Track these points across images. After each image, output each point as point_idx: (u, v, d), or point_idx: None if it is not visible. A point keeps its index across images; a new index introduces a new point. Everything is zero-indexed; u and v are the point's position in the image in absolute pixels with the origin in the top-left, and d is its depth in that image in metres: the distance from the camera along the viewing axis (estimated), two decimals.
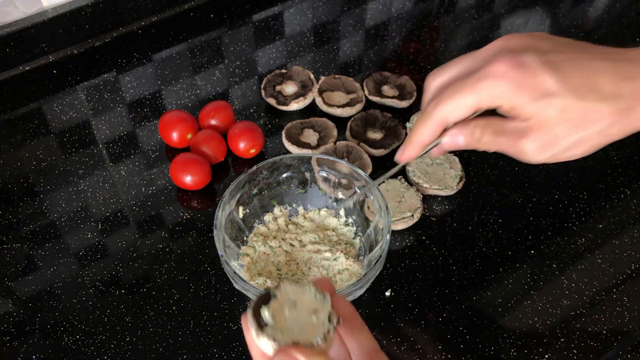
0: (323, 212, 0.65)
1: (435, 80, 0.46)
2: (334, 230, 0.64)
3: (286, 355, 0.35)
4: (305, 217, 0.65)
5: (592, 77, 0.42)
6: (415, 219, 0.66)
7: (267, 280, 0.58)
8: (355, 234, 0.63)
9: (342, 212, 0.64)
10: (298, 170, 0.63)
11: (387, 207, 0.57)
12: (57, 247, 0.65)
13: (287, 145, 0.72)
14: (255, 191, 0.63)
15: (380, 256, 0.55)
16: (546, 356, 0.57)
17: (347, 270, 0.60)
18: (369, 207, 0.62)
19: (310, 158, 0.63)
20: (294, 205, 0.66)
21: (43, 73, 0.82)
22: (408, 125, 0.74)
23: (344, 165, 0.61)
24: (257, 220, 0.64)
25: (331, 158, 0.62)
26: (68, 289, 0.61)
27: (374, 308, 0.60)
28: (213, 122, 0.72)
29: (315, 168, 0.63)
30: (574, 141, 0.42)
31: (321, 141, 0.72)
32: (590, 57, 0.43)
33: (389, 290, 0.62)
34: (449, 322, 0.59)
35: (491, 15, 0.92)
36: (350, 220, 0.64)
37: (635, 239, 0.66)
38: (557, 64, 0.41)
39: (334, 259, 0.61)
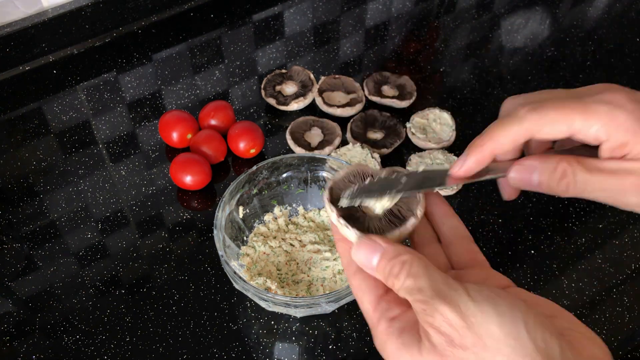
0: (323, 212, 0.65)
1: (517, 100, 0.38)
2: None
3: (366, 239, 0.35)
4: (305, 217, 0.65)
5: None
6: None
7: (267, 280, 0.58)
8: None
9: None
10: (298, 170, 0.63)
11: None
12: (57, 247, 0.65)
13: (288, 138, 0.72)
14: (255, 191, 0.63)
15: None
16: None
17: None
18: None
19: (310, 158, 0.62)
20: (294, 205, 0.65)
21: (43, 73, 0.82)
22: (408, 125, 0.74)
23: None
24: (257, 220, 0.64)
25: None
26: (68, 289, 0.61)
27: None
28: (213, 122, 0.72)
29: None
30: None
31: (322, 144, 0.72)
32: None
33: None
34: None
35: (491, 15, 0.92)
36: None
37: (635, 239, 0.66)
38: None
39: (334, 259, 0.61)
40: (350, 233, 0.37)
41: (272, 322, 0.59)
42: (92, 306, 0.60)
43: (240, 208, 0.62)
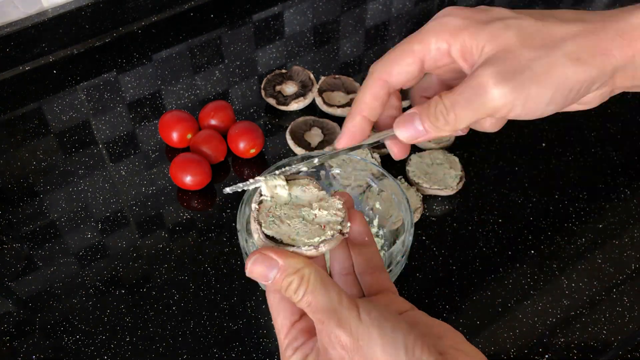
0: None
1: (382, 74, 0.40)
2: None
3: (260, 255, 0.35)
4: None
5: (550, 13, 0.37)
6: (415, 219, 0.66)
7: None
8: (382, 247, 0.63)
9: (375, 222, 0.63)
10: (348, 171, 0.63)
11: (412, 223, 0.56)
12: (57, 247, 0.65)
13: (288, 138, 0.72)
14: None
15: (389, 272, 0.55)
16: (546, 356, 0.57)
17: None
18: (367, 197, 0.62)
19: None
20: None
21: (43, 73, 0.82)
22: None
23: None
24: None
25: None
26: (68, 289, 0.61)
27: None
28: (213, 122, 0.72)
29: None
30: (543, 68, 0.34)
31: (322, 144, 0.72)
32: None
33: None
34: (449, 322, 0.59)
35: None
36: (381, 232, 0.63)
37: (635, 239, 0.66)
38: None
39: None
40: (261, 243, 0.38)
41: (272, 322, 0.59)
42: (92, 306, 0.60)
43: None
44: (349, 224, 0.39)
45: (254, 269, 0.35)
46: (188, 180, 0.67)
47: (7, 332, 0.58)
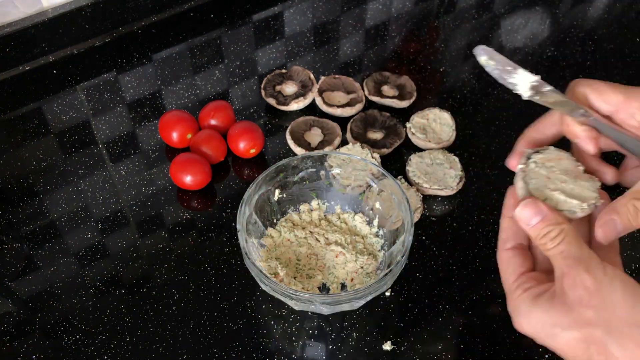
0: (358, 217, 0.65)
1: (590, 90, 0.47)
2: (363, 238, 0.64)
3: (533, 200, 0.42)
4: (339, 217, 0.65)
5: None
6: (415, 219, 0.66)
7: (279, 266, 0.58)
8: (382, 247, 0.63)
9: (375, 222, 0.64)
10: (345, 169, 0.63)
11: (412, 223, 0.57)
12: (57, 247, 0.65)
13: (288, 138, 0.72)
14: (296, 178, 0.63)
15: (390, 271, 0.55)
16: (546, 356, 0.57)
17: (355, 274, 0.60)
18: (368, 197, 0.62)
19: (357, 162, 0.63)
20: (332, 202, 0.65)
21: (43, 73, 0.82)
22: (408, 125, 0.74)
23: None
24: (293, 208, 0.65)
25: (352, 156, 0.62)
26: (68, 289, 0.61)
27: (374, 308, 0.60)
28: (213, 122, 0.72)
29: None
30: None
31: (322, 144, 0.72)
32: None
33: (389, 290, 0.62)
34: (449, 322, 0.59)
35: (491, 15, 0.92)
36: (381, 232, 0.64)
37: (635, 239, 0.66)
38: None
39: (355, 262, 0.61)
40: (521, 191, 0.44)
41: (272, 322, 0.59)
42: (92, 306, 0.60)
43: (277, 191, 0.62)
44: (601, 201, 0.44)
45: (523, 211, 0.42)
46: (188, 180, 0.67)
47: (7, 332, 0.58)
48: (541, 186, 0.44)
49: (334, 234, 0.63)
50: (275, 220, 0.64)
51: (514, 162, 0.48)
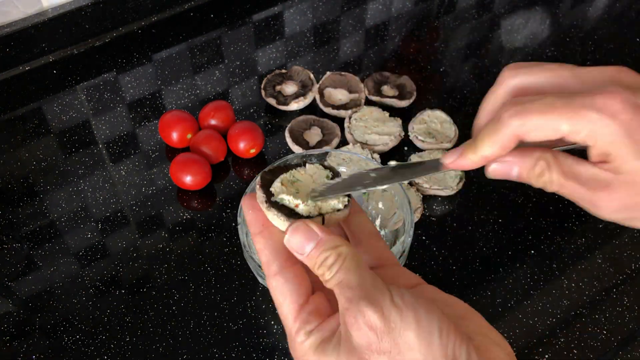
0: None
1: (515, 79, 0.37)
2: None
3: (303, 223, 0.35)
4: None
5: None
6: (415, 219, 0.66)
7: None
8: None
9: (377, 223, 0.64)
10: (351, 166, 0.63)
11: (412, 223, 0.56)
12: (57, 247, 0.65)
13: (287, 137, 0.72)
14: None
15: (404, 251, 0.55)
16: (546, 356, 0.57)
17: None
18: (369, 197, 0.62)
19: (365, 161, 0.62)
20: None
21: (43, 73, 0.82)
22: (411, 135, 0.73)
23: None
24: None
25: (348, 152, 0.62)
26: (68, 289, 0.61)
27: None
28: (213, 122, 0.72)
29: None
30: None
31: (321, 144, 0.72)
32: None
33: None
34: None
35: (491, 15, 0.92)
36: (382, 232, 0.63)
37: (635, 239, 0.66)
38: None
39: None
40: (281, 223, 0.36)
41: (272, 322, 0.59)
42: (92, 306, 0.60)
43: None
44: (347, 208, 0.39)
45: (293, 239, 0.35)
46: (188, 180, 0.67)
47: (7, 332, 0.58)
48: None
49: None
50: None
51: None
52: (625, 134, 0.33)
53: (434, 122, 0.74)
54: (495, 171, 0.37)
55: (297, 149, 0.71)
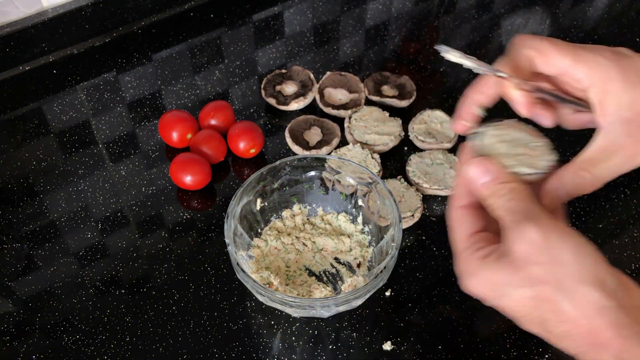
0: (341, 216, 0.65)
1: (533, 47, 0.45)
2: (349, 237, 0.64)
3: (481, 160, 0.41)
4: (323, 219, 0.65)
5: None
6: (415, 219, 0.66)
7: (272, 275, 0.58)
8: (370, 243, 0.63)
9: (359, 220, 0.64)
10: (322, 171, 0.63)
11: (400, 218, 0.57)
12: (57, 247, 0.65)
13: (287, 136, 0.72)
14: (276, 185, 0.63)
15: (385, 267, 0.55)
16: (546, 356, 0.57)
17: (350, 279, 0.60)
18: (369, 207, 0.62)
19: (334, 161, 0.63)
20: (313, 205, 0.66)
21: (43, 73, 0.82)
22: (412, 135, 0.73)
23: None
24: (275, 215, 0.64)
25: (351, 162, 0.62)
26: (68, 289, 0.61)
27: (374, 308, 0.60)
28: (213, 122, 0.72)
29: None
30: None
31: (321, 144, 0.72)
32: None
33: (389, 290, 0.62)
34: (449, 322, 0.59)
35: (491, 15, 0.92)
36: (366, 228, 0.64)
37: (635, 239, 0.66)
38: None
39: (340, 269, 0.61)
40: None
41: (272, 322, 0.59)
42: (92, 306, 0.60)
43: (259, 200, 0.62)
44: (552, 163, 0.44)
45: (472, 169, 0.41)
46: (188, 180, 0.67)
47: (7, 332, 0.58)
48: (496, 155, 0.43)
49: (320, 237, 0.63)
50: (259, 230, 0.63)
51: (459, 126, 0.48)
52: (619, 70, 0.43)
53: (434, 122, 0.74)
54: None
55: (297, 149, 0.71)
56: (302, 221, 0.64)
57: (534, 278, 0.37)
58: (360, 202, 0.63)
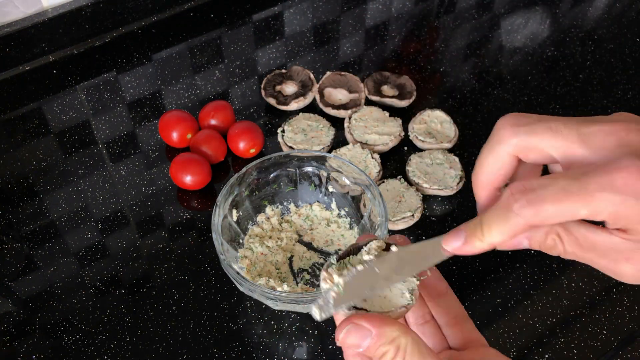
0: (315, 206, 0.65)
1: (516, 137, 0.34)
2: (328, 224, 0.64)
3: (353, 325, 0.33)
4: (298, 215, 0.65)
5: None
6: (415, 219, 0.66)
7: (269, 279, 0.58)
8: (350, 224, 0.64)
9: (333, 205, 0.65)
10: (286, 168, 0.64)
11: (386, 217, 0.57)
12: (57, 247, 0.65)
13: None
14: (246, 193, 0.63)
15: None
16: (546, 356, 0.57)
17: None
18: (364, 205, 0.63)
19: (297, 157, 0.63)
20: (285, 203, 0.66)
21: (43, 73, 0.82)
22: (412, 135, 0.73)
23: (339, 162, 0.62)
24: (250, 222, 0.64)
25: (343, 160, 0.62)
26: (68, 289, 0.61)
27: None
28: (213, 122, 0.72)
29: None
30: None
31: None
32: None
33: None
34: None
35: (491, 15, 0.92)
36: (342, 212, 0.65)
37: None
38: None
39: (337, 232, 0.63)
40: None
41: (272, 322, 0.59)
42: (92, 306, 0.60)
43: (234, 211, 0.61)
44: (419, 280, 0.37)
45: (347, 339, 0.34)
46: (188, 180, 0.67)
47: (7, 332, 0.58)
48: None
49: (301, 231, 0.64)
50: (240, 241, 0.63)
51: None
52: None
53: (434, 122, 0.74)
54: (502, 246, 0.35)
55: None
56: (278, 221, 0.65)
57: None
58: (330, 188, 0.64)
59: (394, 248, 0.37)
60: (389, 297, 0.37)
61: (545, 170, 0.37)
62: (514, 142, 0.34)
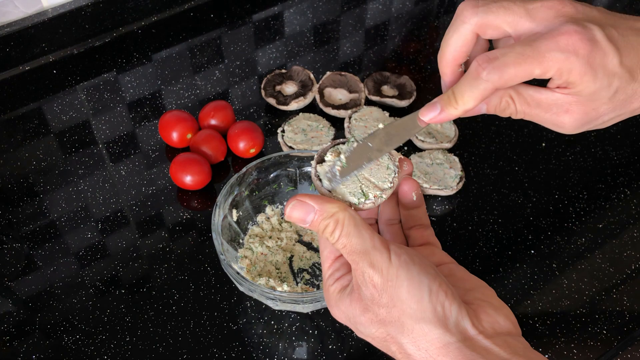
0: None
1: (476, 17, 0.39)
2: None
3: (297, 201, 0.39)
4: None
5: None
6: None
7: (269, 279, 0.58)
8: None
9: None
10: (286, 168, 0.63)
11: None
12: (57, 247, 0.65)
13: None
14: (246, 193, 0.63)
15: None
16: (546, 356, 0.57)
17: None
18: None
19: (297, 157, 0.63)
20: (285, 203, 0.65)
21: (43, 73, 0.82)
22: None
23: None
24: (250, 222, 0.64)
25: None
26: (68, 289, 0.61)
27: None
28: (213, 122, 0.72)
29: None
30: (611, 118, 0.40)
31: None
32: (637, 33, 0.39)
33: None
34: None
35: None
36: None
37: (635, 239, 0.66)
38: (617, 41, 0.38)
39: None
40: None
41: (272, 322, 0.59)
42: (92, 306, 0.60)
43: (234, 211, 0.61)
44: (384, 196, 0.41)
45: (293, 214, 0.39)
46: (188, 180, 0.67)
47: (7, 332, 0.58)
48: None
49: (301, 231, 0.64)
50: (240, 241, 0.63)
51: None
52: (586, 64, 0.37)
53: None
54: (468, 113, 0.40)
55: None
56: (278, 221, 0.65)
57: (381, 320, 0.37)
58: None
59: (380, 125, 0.43)
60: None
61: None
62: (474, 20, 0.39)
